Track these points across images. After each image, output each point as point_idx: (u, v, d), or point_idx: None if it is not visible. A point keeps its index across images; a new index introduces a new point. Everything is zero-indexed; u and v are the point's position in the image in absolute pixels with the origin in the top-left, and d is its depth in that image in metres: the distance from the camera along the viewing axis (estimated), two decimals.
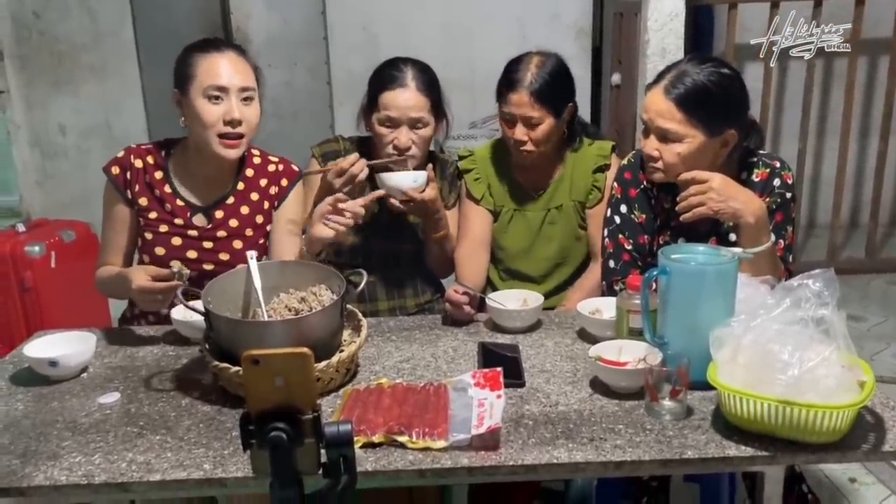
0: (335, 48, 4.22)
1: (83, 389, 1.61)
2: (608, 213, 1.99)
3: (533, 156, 2.10)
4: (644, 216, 1.94)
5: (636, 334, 1.63)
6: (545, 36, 3.94)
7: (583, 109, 2.43)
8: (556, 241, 2.21)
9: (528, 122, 2.06)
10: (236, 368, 1.45)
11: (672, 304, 1.51)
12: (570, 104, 2.13)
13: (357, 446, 1.31)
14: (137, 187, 1.94)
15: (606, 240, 1.98)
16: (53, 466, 1.32)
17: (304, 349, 0.93)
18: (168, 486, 1.29)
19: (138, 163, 1.95)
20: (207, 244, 1.95)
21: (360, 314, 1.72)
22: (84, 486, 1.28)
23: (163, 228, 1.94)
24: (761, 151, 1.90)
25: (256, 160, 2.02)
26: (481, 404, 1.43)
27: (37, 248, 3.17)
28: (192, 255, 1.92)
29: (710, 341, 1.38)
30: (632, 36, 3.91)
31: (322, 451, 0.97)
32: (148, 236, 1.94)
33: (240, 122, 1.85)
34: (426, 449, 1.32)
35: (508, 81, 2.07)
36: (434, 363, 1.69)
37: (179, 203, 1.95)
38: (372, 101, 2.11)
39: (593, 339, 1.75)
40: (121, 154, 1.97)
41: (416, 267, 2.26)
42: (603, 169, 2.19)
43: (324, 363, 1.49)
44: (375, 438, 1.34)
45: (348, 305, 1.67)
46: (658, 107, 1.75)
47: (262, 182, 2.01)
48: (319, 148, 2.21)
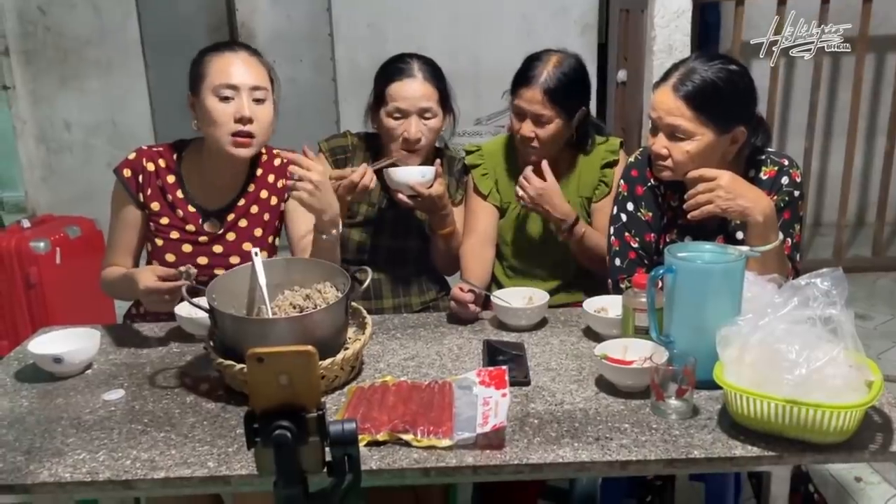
0: (340, 44, 4.22)
1: (87, 386, 1.61)
2: (615, 211, 1.98)
3: (538, 153, 2.09)
4: (651, 214, 1.93)
5: (642, 333, 1.62)
6: (551, 32, 3.94)
7: None
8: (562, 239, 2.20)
9: (538, 119, 2.05)
10: (241, 366, 1.44)
11: (678, 302, 1.50)
12: (583, 108, 2.12)
13: (361, 444, 1.31)
14: (149, 191, 1.92)
15: (612, 238, 1.97)
16: (58, 463, 1.32)
17: (309, 347, 0.93)
18: (172, 483, 1.29)
19: (150, 166, 1.93)
20: (217, 249, 1.94)
21: (364, 311, 1.72)
22: (88, 483, 1.28)
23: (174, 235, 1.92)
24: (769, 149, 1.89)
25: (264, 157, 2.01)
26: (486, 403, 1.42)
27: (42, 245, 3.18)
28: (202, 261, 1.91)
29: (717, 340, 1.37)
30: (638, 32, 3.89)
31: (326, 450, 0.97)
32: (159, 242, 1.93)
33: (251, 121, 1.83)
34: (431, 447, 1.32)
35: (524, 76, 2.06)
36: (439, 361, 1.69)
37: (191, 209, 1.94)
38: (379, 96, 2.10)
39: (599, 338, 1.74)
40: (132, 156, 1.94)
41: (422, 264, 2.25)
42: (611, 164, 2.18)
43: (328, 360, 1.49)
44: (380, 436, 1.34)
45: (353, 303, 1.66)
46: (667, 105, 1.74)
47: (270, 178, 2.00)
48: (327, 143, 2.20)
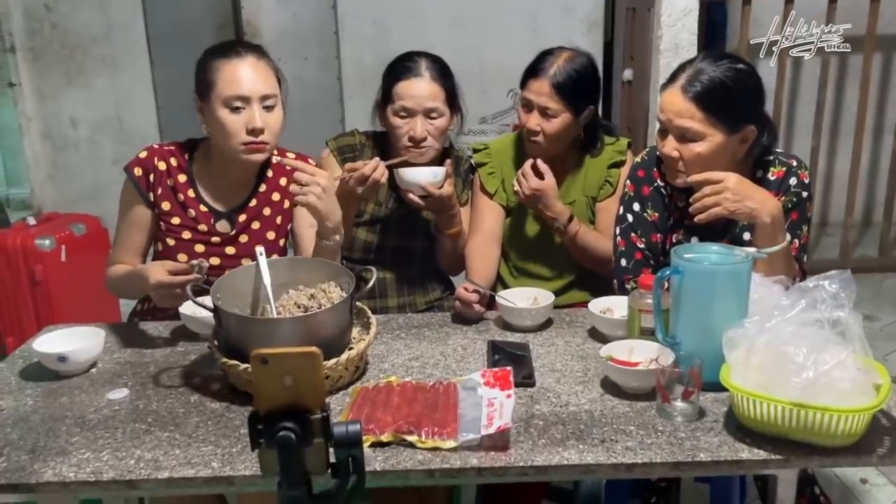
0: (346, 42, 4.21)
1: (92, 385, 1.61)
2: (621, 211, 1.97)
3: (543, 149, 2.09)
4: (657, 214, 1.92)
5: (648, 334, 1.61)
6: (556, 30, 3.92)
7: None
8: None
9: (544, 111, 2.05)
10: (245, 365, 1.44)
11: (685, 303, 1.49)
12: (591, 107, 2.11)
13: (366, 445, 1.31)
14: (160, 190, 1.91)
15: (618, 238, 1.96)
16: (62, 463, 1.32)
17: (314, 348, 0.92)
18: (176, 483, 1.29)
19: (161, 165, 1.92)
20: (230, 250, 1.93)
21: (369, 312, 1.71)
22: (92, 483, 1.28)
23: (186, 235, 1.92)
24: (777, 150, 1.88)
25: (275, 159, 2.00)
26: (491, 404, 1.41)
27: (47, 242, 3.18)
28: (214, 261, 1.90)
29: (724, 342, 1.36)
30: (644, 31, 3.88)
31: (331, 451, 0.96)
32: (170, 242, 1.92)
33: (262, 131, 1.82)
34: (435, 449, 1.31)
35: (534, 68, 2.08)
36: (443, 361, 1.68)
37: (203, 209, 1.93)
38: (386, 94, 2.10)
39: (604, 339, 1.73)
40: (143, 154, 1.92)
41: (427, 264, 2.25)
42: (618, 164, 2.17)
43: (333, 360, 1.48)
44: (384, 438, 1.33)
45: (358, 302, 1.66)
46: (676, 107, 1.73)
47: (283, 181, 1.99)
48: (336, 142, 2.20)
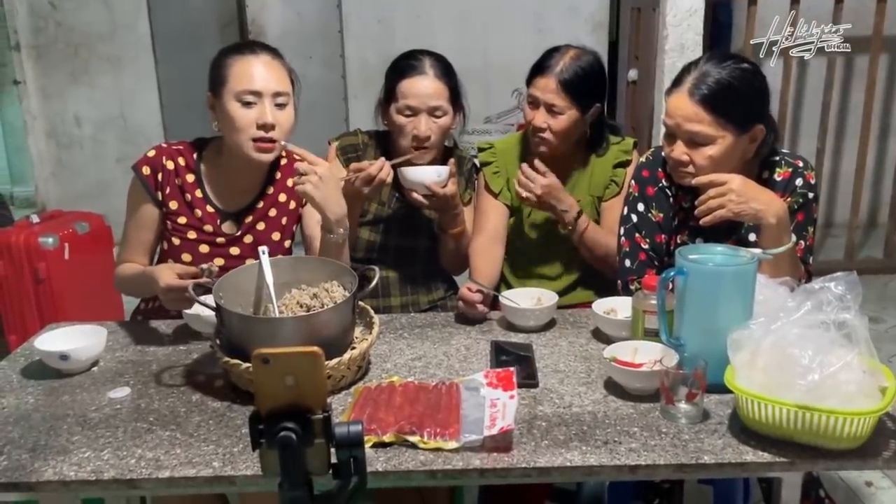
0: (350, 41, 4.21)
1: (94, 384, 1.61)
2: (625, 212, 1.96)
3: (548, 147, 2.08)
4: (662, 215, 1.91)
5: (652, 335, 1.60)
6: (561, 30, 3.92)
7: None
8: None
9: (551, 108, 2.05)
10: (247, 364, 1.43)
11: (689, 305, 1.48)
12: (597, 105, 2.11)
13: (367, 446, 1.30)
14: (168, 189, 1.91)
15: (623, 238, 1.95)
16: (63, 461, 1.31)
17: (316, 348, 0.92)
18: (177, 483, 1.28)
19: (170, 164, 1.91)
20: (235, 251, 1.93)
21: (371, 311, 1.71)
22: (93, 482, 1.27)
23: (191, 235, 1.91)
24: (783, 150, 1.87)
25: (283, 161, 1.99)
26: (494, 405, 1.41)
27: (50, 240, 3.18)
28: (219, 262, 1.88)
29: (728, 344, 1.36)
30: (649, 31, 3.87)
31: (332, 452, 0.96)
32: (175, 242, 1.91)
33: (273, 127, 1.81)
34: (438, 449, 1.31)
35: (540, 65, 2.08)
36: (446, 361, 1.68)
37: (210, 209, 1.93)
38: (390, 93, 2.10)
39: (608, 340, 1.72)
40: (152, 153, 1.92)
41: (430, 263, 2.24)
42: (624, 164, 2.17)
43: (335, 360, 1.48)
44: (386, 438, 1.32)
45: (360, 302, 1.65)
46: (684, 111, 1.71)
47: (290, 182, 1.97)
48: (339, 141, 2.19)
